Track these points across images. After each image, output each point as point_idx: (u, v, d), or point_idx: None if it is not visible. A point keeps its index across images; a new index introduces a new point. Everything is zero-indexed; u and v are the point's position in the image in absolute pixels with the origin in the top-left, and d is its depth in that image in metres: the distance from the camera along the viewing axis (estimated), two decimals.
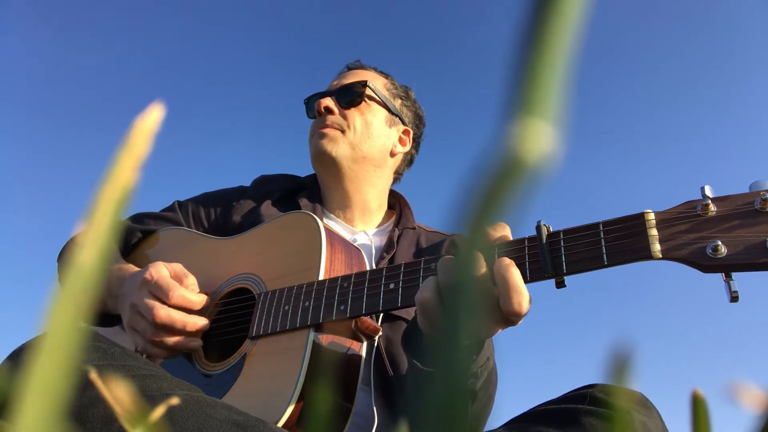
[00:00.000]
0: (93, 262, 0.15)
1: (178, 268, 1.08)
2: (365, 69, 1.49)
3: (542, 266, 0.79)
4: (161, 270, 1.05)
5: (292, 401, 0.88)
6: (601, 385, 0.83)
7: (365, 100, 1.38)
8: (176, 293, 1.01)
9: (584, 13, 0.14)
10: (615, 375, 0.18)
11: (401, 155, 1.47)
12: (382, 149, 1.39)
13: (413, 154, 1.54)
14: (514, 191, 0.13)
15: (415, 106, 1.51)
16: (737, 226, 0.71)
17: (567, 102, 0.14)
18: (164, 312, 0.99)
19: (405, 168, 1.54)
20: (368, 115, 1.38)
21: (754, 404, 0.21)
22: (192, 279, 1.08)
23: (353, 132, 1.35)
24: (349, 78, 1.43)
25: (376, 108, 1.40)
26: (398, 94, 1.47)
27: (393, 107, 1.43)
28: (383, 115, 1.41)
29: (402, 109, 1.46)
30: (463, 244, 0.14)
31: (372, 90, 1.40)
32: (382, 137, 1.39)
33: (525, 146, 0.13)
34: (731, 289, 0.69)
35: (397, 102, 1.46)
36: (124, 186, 0.16)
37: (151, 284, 1.03)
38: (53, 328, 0.14)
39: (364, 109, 1.38)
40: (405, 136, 1.46)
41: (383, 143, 1.39)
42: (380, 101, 1.41)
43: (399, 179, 1.54)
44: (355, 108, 1.37)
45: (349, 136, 1.35)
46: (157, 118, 0.17)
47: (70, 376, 0.14)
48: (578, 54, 0.14)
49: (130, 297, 1.05)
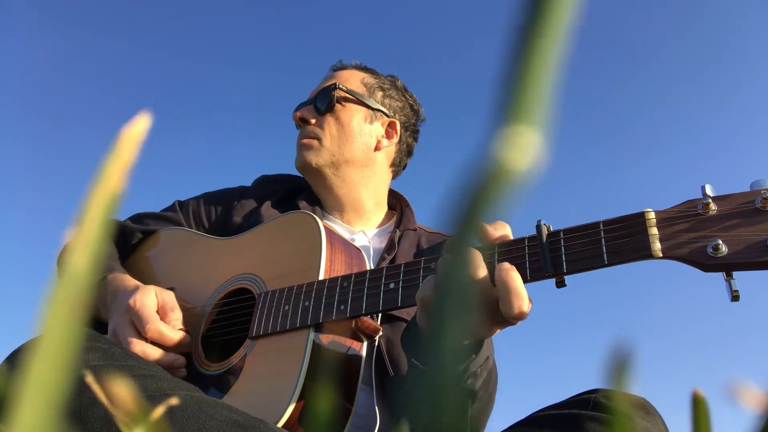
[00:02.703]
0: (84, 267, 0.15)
1: (168, 298, 1.08)
2: (346, 68, 1.47)
3: (542, 266, 0.79)
4: (146, 299, 1.04)
5: (293, 401, 0.88)
6: (604, 390, 0.83)
7: (339, 102, 1.37)
8: (152, 327, 1.01)
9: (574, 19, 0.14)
10: (615, 378, 0.18)
11: (392, 147, 1.43)
12: (365, 148, 1.37)
13: (410, 143, 1.49)
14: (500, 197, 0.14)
15: (403, 96, 1.48)
16: (738, 225, 0.70)
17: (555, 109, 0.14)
18: (139, 348, 0.99)
19: (405, 159, 1.50)
20: (344, 116, 1.36)
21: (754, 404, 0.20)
22: (177, 314, 1.07)
23: (329, 138, 1.34)
24: (325, 83, 1.43)
25: (352, 108, 1.38)
26: (379, 86, 1.43)
27: (371, 102, 1.40)
28: (361, 114, 1.38)
29: (385, 101, 1.43)
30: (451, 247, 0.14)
31: (343, 90, 1.38)
32: (363, 136, 1.37)
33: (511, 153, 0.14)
34: (732, 289, 0.69)
35: (378, 95, 1.42)
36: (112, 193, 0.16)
37: (132, 312, 1.03)
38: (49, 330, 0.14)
39: (339, 112, 1.36)
40: (391, 128, 1.43)
41: (364, 142, 1.37)
42: (355, 100, 1.38)
43: (400, 172, 1.51)
44: (329, 113, 1.36)
45: (326, 143, 1.34)
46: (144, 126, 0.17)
47: (67, 378, 0.14)
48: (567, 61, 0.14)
49: (114, 318, 1.06)
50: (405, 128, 1.46)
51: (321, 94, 1.38)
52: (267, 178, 1.47)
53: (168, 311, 1.06)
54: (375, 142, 1.39)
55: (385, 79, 1.47)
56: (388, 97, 1.44)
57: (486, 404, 0.96)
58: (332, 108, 1.36)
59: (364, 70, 1.47)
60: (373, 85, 1.43)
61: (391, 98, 1.44)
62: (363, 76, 1.44)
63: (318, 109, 1.37)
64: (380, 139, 1.40)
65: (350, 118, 1.36)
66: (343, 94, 1.37)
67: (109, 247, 1.32)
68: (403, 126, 1.45)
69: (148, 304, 1.04)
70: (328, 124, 1.35)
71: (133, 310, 1.02)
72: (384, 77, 1.47)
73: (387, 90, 1.44)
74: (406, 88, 1.50)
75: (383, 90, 1.44)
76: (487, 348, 0.88)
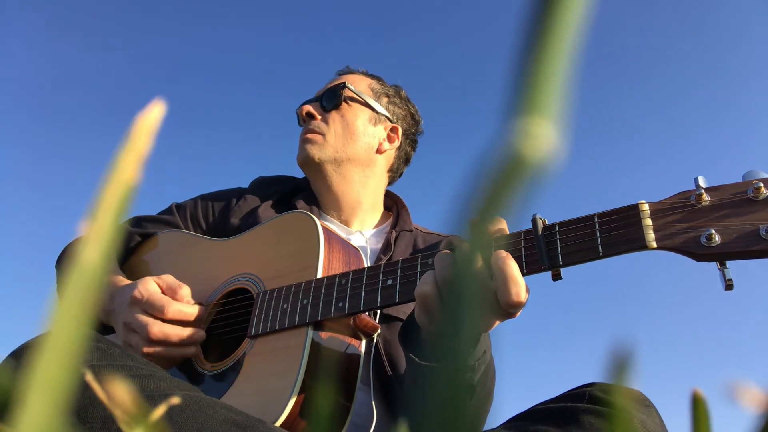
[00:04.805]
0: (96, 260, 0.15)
1: (170, 279, 1.08)
2: (353, 73, 1.51)
3: (538, 258, 0.79)
4: (150, 286, 1.05)
5: (292, 399, 0.88)
6: (600, 383, 0.83)
7: (345, 101, 1.40)
8: (172, 308, 1.03)
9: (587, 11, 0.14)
10: (615, 374, 0.18)
11: (392, 152, 1.46)
12: (367, 148, 1.40)
13: (408, 151, 1.53)
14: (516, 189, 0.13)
15: (406, 105, 1.52)
16: (730, 215, 0.71)
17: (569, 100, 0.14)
18: (158, 328, 1.00)
19: (402, 166, 1.53)
20: (349, 115, 1.39)
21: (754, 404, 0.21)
22: (185, 289, 1.08)
23: (333, 134, 1.37)
24: (332, 82, 1.46)
25: (358, 108, 1.41)
26: (385, 93, 1.48)
27: (377, 106, 1.44)
28: (366, 115, 1.42)
29: (389, 107, 1.47)
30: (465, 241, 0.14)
31: (352, 91, 1.41)
32: (366, 136, 1.40)
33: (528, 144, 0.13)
34: (726, 278, 0.70)
35: (383, 101, 1.46)
36: (126, 184, 0.16)
37: (143, 302, 1.03)
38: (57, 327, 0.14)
39: (344, 111, 1.40)
40: (393, 133, 1.46)
41: (367, 142, 1.40)
42: (362, 101, 1.42)
43: (396, 179, 1.54)
44: (335, 110, 1.39)
45: (330, 139, 1.36)
46: (158, 115, 0.17)
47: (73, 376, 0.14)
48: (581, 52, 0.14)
49: (122, 315, 1.05)
50: (405, 136, 1.50)
51: (329, 92, 1.41)
52: (264, 180, 1.47)
53: (176, 289, 1.07)
54: (377, 144, 1.42)
55: (390, 87, 1.51)
56: (392, 104, 1.48)
57: (484, 399, 0.96)
58: (339, 106, 1.39)
59: (371, 77, 1.51)
60: (379, 90, 1.47)
61: (395, 105, 1.49)
62: (370, 82, 1.48)
63: (324, 106, 1.40)
64: (382, 142, 1.43)
65: (355, 117, 1.39)
66: (351, 94, 1.41)
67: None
68: (404, 133, 1.49)
69: (153, 290, 1.05)
70: (333, 120, 1.38)
71: (143, 300, 1.03)
72: (389, 86, 1.52)
73: (391, 97, 1.49)
74: (408, 99, 1.55)
75: (388, 96, 1.48)
76: (484, 342, 0.88)
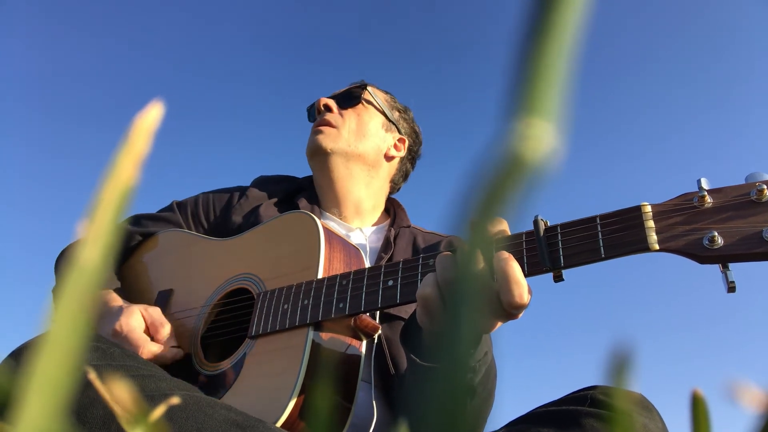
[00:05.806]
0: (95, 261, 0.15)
1: (155, 314, 1.09)
2: (370, 85, 1.55)
3: (540, 260, 0.79)
4: (132, 321, 1.05)
5: (292, 400, 0.88)
6: (602, 386, 0.83)
7: (363, 102, 1.46)
8: (145, 350, 1.03)
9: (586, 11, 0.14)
10: (615, 376, 0.18)
11: (397, 160, 1.51)
12: (377, 150, 1.44)
13: (408, 168, 1.58)
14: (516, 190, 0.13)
15: (413, 124, 1.59)
16: (733, 217, 0.71)
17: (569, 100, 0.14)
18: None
19: (401, 180, 1.58)
20: (364, 115, 1.45)
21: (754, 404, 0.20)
22: (166, 329, 1.08)
23: (348, 130, 1.41)
24: (352, 84, 1.51)
25: (373, 111, 1.47)
26: (397, 107, 1.54)
27: (390, 115, 1.50)
28: (380, 119, 1.48)
29: (400, 120, 1.53)
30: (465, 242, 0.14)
31: (370, 94, 1.47)
32: (377, 138, 1.45)
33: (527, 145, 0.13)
34: (728, 280, 0.69)
35: (395, 113, 1.53)
36: (125, 184, 0.16)
37: (121, 338, 1.04)
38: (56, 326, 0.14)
39: (360, 110, 1.45)
40: (400, 143, 1.52)
41: (377, 144, 1.45)
42: (377, 106, 1.48)
43: (396, 190, 1.58)
44: (352, 108, 1.44)
45: (344, 133, 1.40)
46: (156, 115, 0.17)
47: (73, 375, 0.14)
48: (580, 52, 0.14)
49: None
50: (409, 151, 1.56)
51: (348, 91, 1.48)
52: (266, 179, 1.47)
53: (158, 327, 1.07)
54: (386, 148, 1.48)
55: (401, 104, 1.58)
56: (402, 119, 1.55)
57: (485, 401, 0.96)
58: (356, 105, 1.45)
59: (385, 92, 1.58)
60: (393, 104, 1.54)
61: (405, 121, 1.56)
62: (384, 95, 1.55)
63: (341, 104, 1.45)
64: (390, 148, 1.49)
65: (370, 118, 1.46)
66: (369, 97, 1.48)
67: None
68: (408, 148, 1.54)
69: (134, 326, 1.05)
70: (349, 117, 1.44)
71: (122, 335, 1.03)
72: (400, 103, 1.59)
73: (402, 112, 1.56)
74: (414, 120, 1.61)
75: (399, 111, 1.55)
76: (485, 343, 0.88)
